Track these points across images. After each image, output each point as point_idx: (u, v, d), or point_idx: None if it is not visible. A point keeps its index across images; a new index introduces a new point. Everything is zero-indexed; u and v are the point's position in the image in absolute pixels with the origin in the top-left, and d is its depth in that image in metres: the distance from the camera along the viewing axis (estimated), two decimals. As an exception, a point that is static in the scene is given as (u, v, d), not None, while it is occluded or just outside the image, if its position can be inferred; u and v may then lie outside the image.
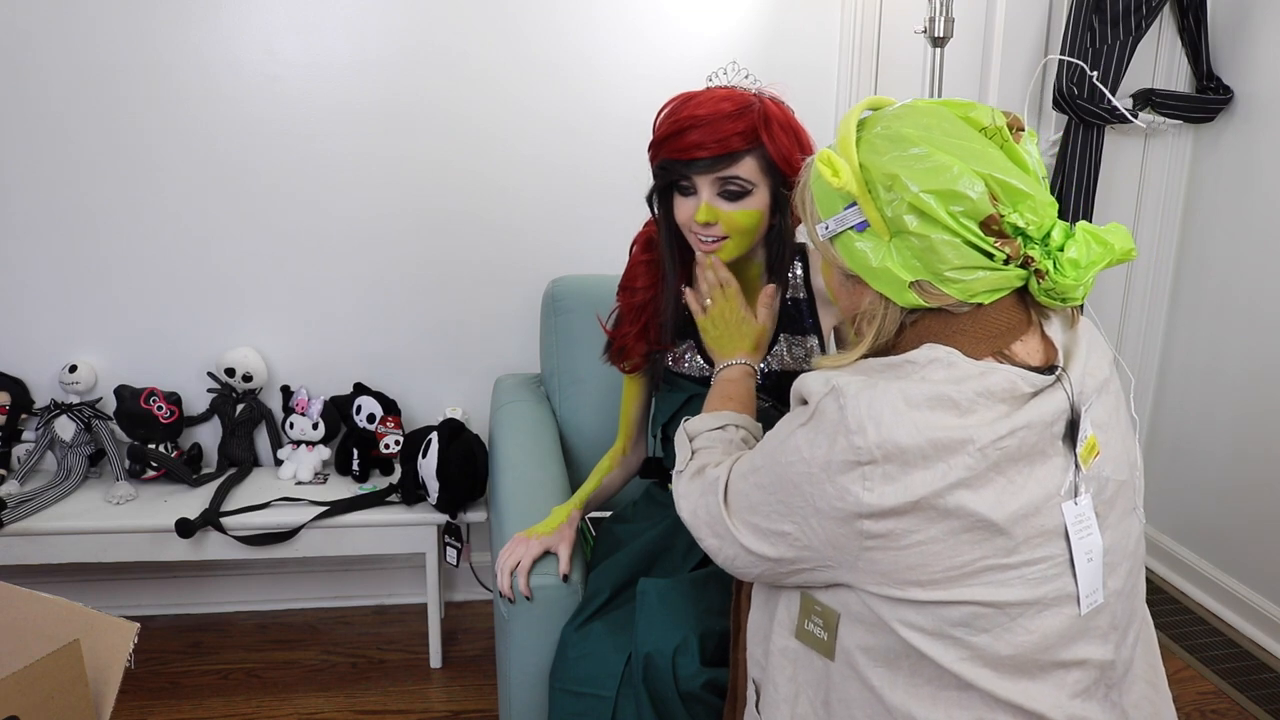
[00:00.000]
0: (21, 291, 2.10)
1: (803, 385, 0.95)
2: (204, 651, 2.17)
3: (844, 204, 0.94)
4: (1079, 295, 0.91)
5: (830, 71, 2.28)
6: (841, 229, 0.95)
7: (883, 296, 0.94)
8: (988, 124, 0.92)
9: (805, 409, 0.93)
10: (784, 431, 0.96)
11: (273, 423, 2.22)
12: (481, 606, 2.38)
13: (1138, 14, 2.25)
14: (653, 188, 1.41)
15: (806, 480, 0.91)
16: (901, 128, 0.92)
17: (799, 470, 0.92)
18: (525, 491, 1.59)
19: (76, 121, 2.03)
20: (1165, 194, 2.51)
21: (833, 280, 1.04)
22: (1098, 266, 0.90)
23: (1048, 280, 0.89)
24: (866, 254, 0.93)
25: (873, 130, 0.94)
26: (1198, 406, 2.47)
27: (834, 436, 0.89)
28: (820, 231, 0.97)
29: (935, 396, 0.87)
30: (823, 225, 0.97)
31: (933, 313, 0.93)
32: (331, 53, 2.08)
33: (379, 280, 2.22)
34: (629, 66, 2.18)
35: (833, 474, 0.89)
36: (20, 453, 2.09)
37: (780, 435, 0.96)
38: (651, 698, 1.23)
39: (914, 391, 0.87)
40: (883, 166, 0.90)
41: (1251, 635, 2.28)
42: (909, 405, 0.87)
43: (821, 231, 0.97)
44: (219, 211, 2.12)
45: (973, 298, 0.91)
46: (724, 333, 1.33)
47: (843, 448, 0.88)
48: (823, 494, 0.90)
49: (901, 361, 0.92)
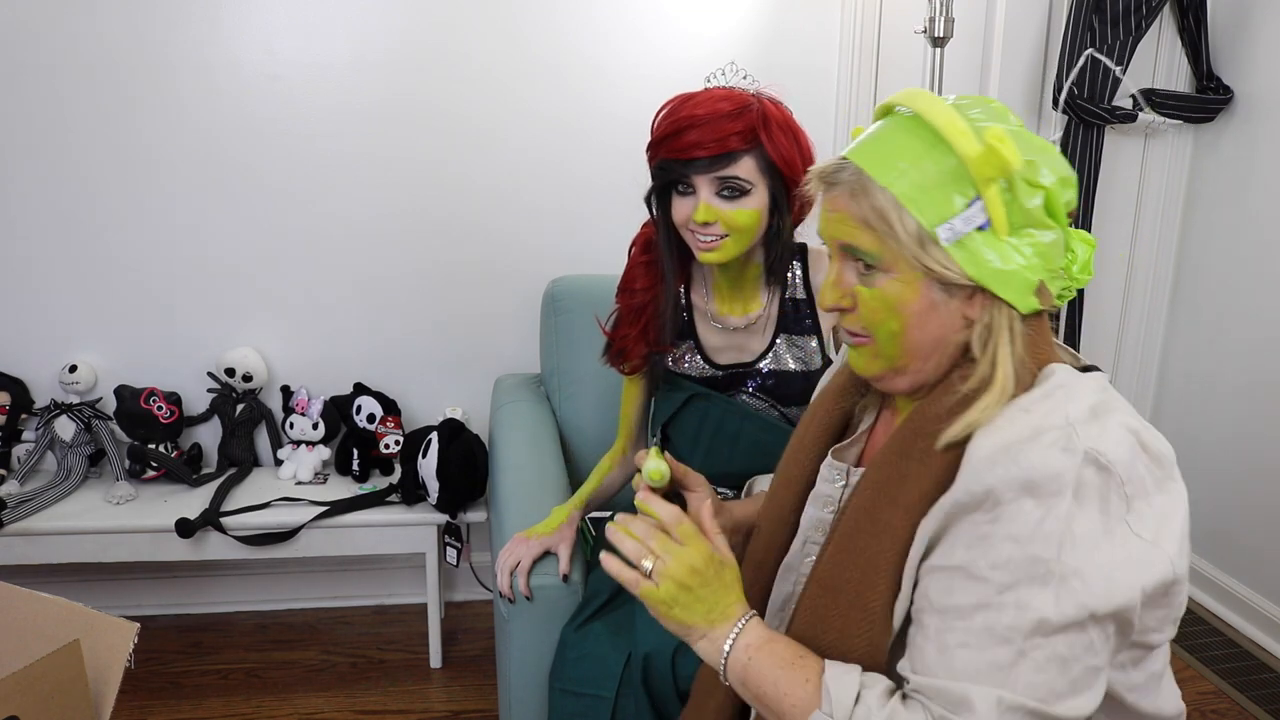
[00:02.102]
0: (21, 291, 2.10)
1: (1027, 468, 0.74)
2: (204, 651, 2.17)
3: (965, 200, 0.80)
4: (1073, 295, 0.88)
5: (830, 71, 2.28)
6: (968, 230, 0.80)
7: (1005, 306, 0.81)
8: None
9: (1056, 495, 0.74)
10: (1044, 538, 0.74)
11: (273, 423, 2.22)
12: (481, 606, 2.38)
13: (1138, 14, 2.25)
14: (651, 188, 1.42)
15: (1112, 568, 0.74)
16: (996, 116, 0.83)
17: (1102, 563, 0.74)
18: (525, 491, 1.59)
19: (77, 121, 2.03)
20: (1165, 194, 2.51)
21: (914, 303, 0.82)
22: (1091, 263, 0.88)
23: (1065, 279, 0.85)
24: (995, 256, 0.80)
25: (968, 114, 0.82)
26: (1198, 406, 2.47)
27: (1106, 498, 0.75)
28: (945, 235, 0.80)
29: (1133, 414, 0.80)
30: (946, 227, 0.80)
31: (1032, 323, 0.84)
32: (331, 53, 2.08)
33: (379, 280, 2.22)
34: (629, 66, 2.18)
35: (1121, 542, 0.75)
36: (20, 453, 2.09)
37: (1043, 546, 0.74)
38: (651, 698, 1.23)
39: (1126, 421, 0.78)
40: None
41: (1251, 635, 2.28)
42: (1135, 437, 0.78)
43: (945, 235, 0.80)
44: (219, 211, 2.12)
45: (1061, 299, 0.85)
46: (690, 598, 0.88)
47: (1116, 507, 0.75)
48: (1135, 571, 0.75)
49: (1054, 389, 0.80)
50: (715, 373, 1.50)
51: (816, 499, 0.99)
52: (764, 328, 1.48)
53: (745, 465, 1.47)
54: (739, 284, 1.47)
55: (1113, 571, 0.74)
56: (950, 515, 0.79)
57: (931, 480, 0.81)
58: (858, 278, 0.86)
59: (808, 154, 1.37)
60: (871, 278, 0.84)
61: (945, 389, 0.84)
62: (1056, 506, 0.74)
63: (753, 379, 1.48)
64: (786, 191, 1.36)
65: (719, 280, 1.48)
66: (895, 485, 0.84)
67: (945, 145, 0.81)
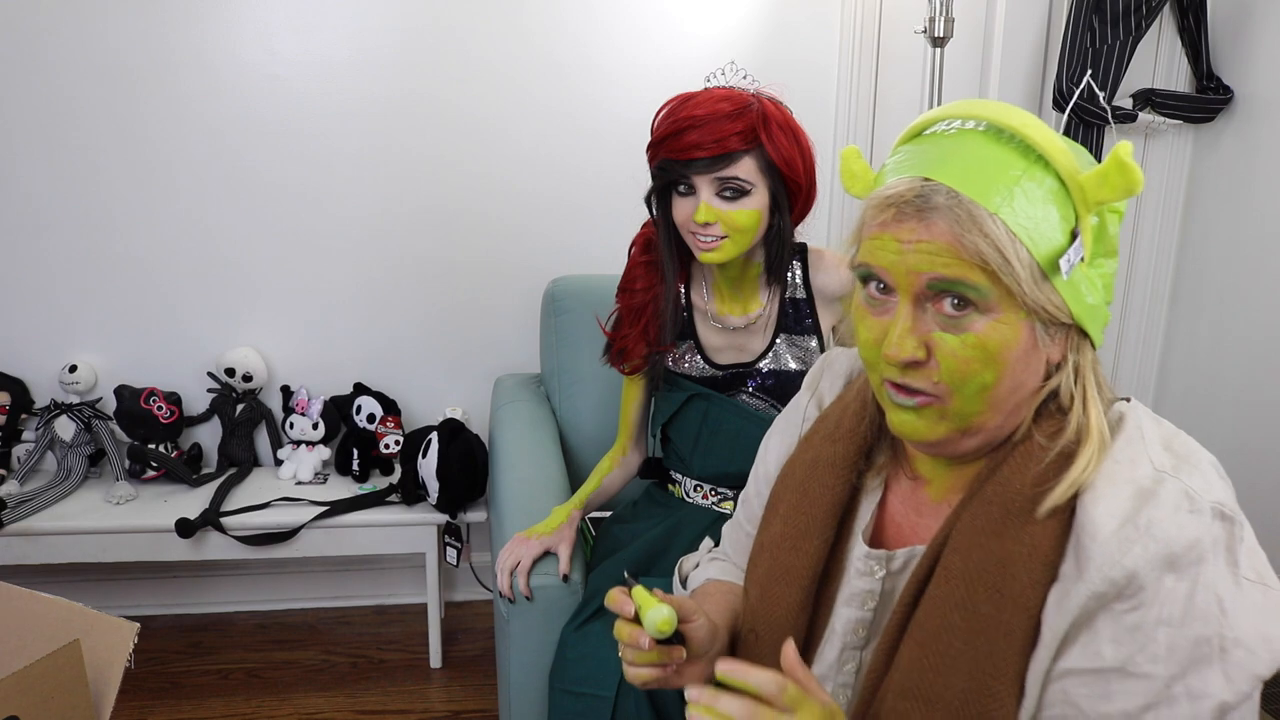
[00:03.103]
0: (21, 291, 2.10)
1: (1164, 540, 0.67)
2: (204, 651, 2.17)
3: (1069, 228, 0.71)
4: None
5: (830, 71, 2.28)
6: (1078, 260, 0.71)
7: (1088, 344, 0.74)
8: None
9: (1196, 563, 0.67)
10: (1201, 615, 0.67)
11: (273, 423, 2.22)
12: (481, 606, 2.38)
13: (1138, 14, 2.25)
14: (651, 188, 1.42)
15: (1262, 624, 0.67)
16: None
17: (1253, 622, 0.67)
18: (525, 491, 1.59)
19: (76, 122, 2.03)
20: (1165, 194, 2.51)
21: (1017, 346, 0.72)
22: None
23: None
24: (1085, 291, 0.72)
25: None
26: (1198, 406, 2.47)
27: (1232, 550, 0.69)
28: (1064, 267, 0.70)
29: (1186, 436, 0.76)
30: (1064, 260, 0.70)
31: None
32: (331, 52, 2.08)
33: (379, 280, 2.22)
34: (629, 65, 2.18)
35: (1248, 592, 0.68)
36: (20, 453, 2.09)
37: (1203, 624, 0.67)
38: (651, 697, 1.23)
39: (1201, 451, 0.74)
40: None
41: (1251, 635, 2.28)
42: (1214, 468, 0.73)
43: (1065, 269, 0.70)
44: (219, 211, 2.12)
45: None
46: None
47: (1244, 557, 0.69)
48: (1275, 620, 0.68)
49: (1134, 431, 0.73)
50: (715, 373, 1.50)
51: (852, 598, 0.85)
52: (764, 327, 1.48)
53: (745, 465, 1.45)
54: (739, 284, 1.47)
55: (1265, 628, 0.67)
56: (1089, 609, 0.69)
57: (1041, 561, 0.71)
58: (939, 322, 0.72)
59: (808, 154, 1.37)
60: (965, 320, 0.71)
61: (1032, 448, 0.74)
62: (1202, 576, 0.67)
63: (753, 379, 1.48)
64: (787, 191, 1.36)
65: (719, 280, 1.48)
66: (995, 573, 0.73)
67: (1044, 163, 0.71)
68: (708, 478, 1.53)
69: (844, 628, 0.85)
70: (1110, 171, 0.68)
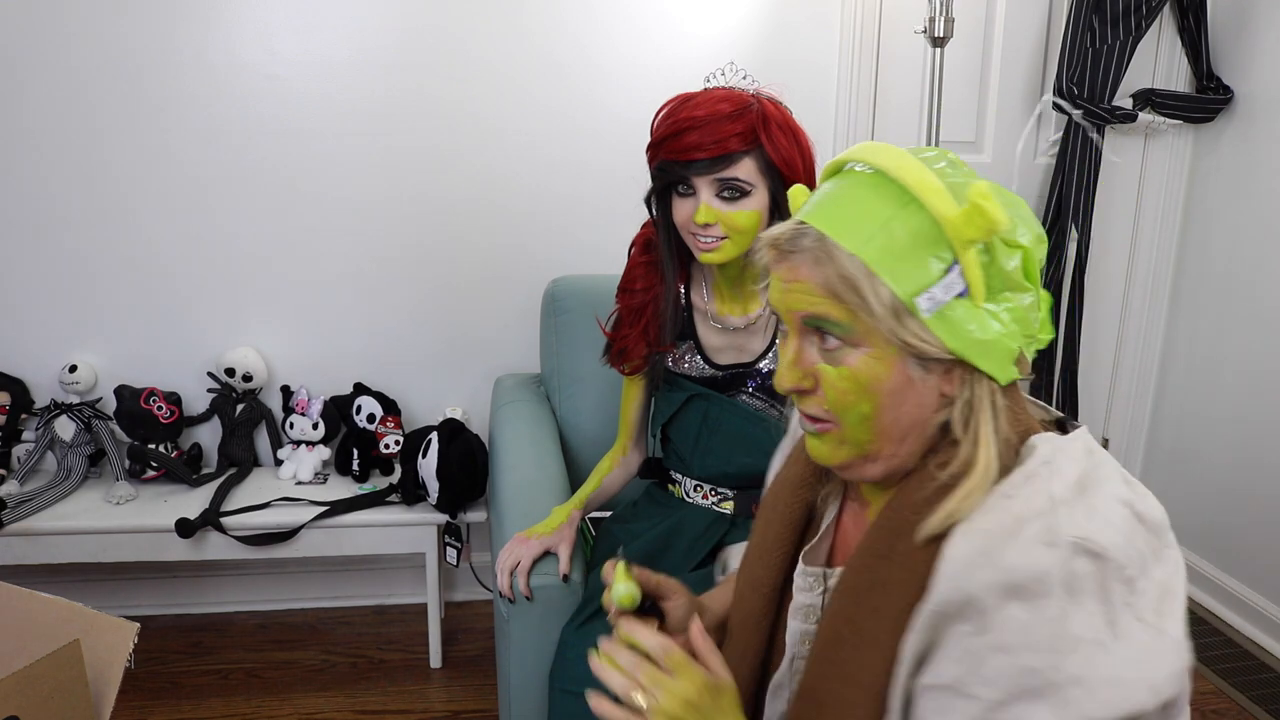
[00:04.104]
0: (21, 291, 2.10)
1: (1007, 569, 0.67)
2: (204, 651, 2.17)
3: (943, 265, 0.72)
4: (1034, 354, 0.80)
5: (830, 71, 2.28)
6: (949, 297, 0.73)
7: (986, 380, 0.75)
8: None
9: (1043, 596, 0.67)
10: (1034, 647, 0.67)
11: (273, 423, 2.22)
12: (481, 606, 2.38)
13: (1138, 14, 2.25)
14: (651, 189, 1.42)
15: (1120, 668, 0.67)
16: (959, 168, 0.77)
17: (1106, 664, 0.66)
18: (525, 491, 1.59)
19: (76, 124, 2.03)
20: (1165, 194, 2.51)
21: (888, 380, 0.75)
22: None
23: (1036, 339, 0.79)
24: (971, 326, 0.73)
25: (935, 167, 0.76)
26: (1198, 407, 2.47)
27: (1105, 588, 0.67)
28: (924, 305, 0.72)
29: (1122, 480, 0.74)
30: (925, 297, 0.72)
31: (1009, 393, 0.77)
32: (331, 52, 2.08)
33: (379, 280, 2.22)
34: (629, 65, 2.18)
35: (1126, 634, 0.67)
36: (20, 453, 2.09)
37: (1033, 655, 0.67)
38: (651, 698, 1.23)
39: (1116, 492, 0.72)
40: None
41: (1251, 635, 2.28)
42: (1130, 509, 0.71)
43: (925, 305, 0.72)
44: (219, 212, 2.12)
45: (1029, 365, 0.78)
46: None
47: (1119, 594, 0.68)
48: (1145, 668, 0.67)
49: (1039, 466, 0.73)
50: (715, 373, 1.50)
51: (797, 611, 0.90)
52: (764, 328, 1.48)
53: (745, 465, 1.47)
54: (739, 284, 1.47)
55: (1120, 672, 0.66)
56: (934, 627, 0.72)
57: (915, 585, 0.74)
58: (821, 355, 0.77)
59: (808, 154, 1.37)
60: (838, 354, 0.75)
61: (922, 477, 0.77)
62: (1046, 609, 0.67)
63: (753, 379, 1.48)
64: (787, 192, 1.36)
65: (719, 280, 1.48)
66: (876, 592, 0.77)
67: (917, 204, 0.73)
68: (708, 478, 1.53)
69: (792, 639, 0.90)
70: (971, 213, 0.71)
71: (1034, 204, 2.42)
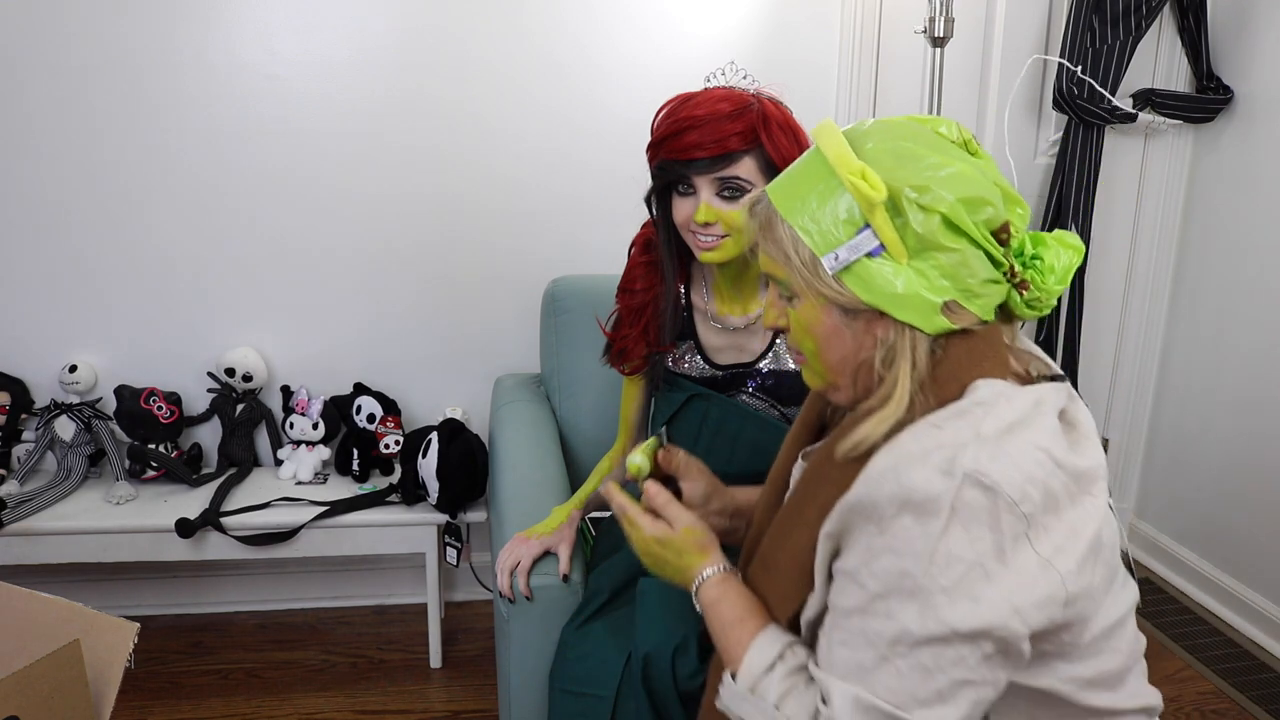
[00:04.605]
0: (21, 291, 2.10)
1: (907, 487, 0.79)
2: (204, 651, 2.17)
3: (854, 228, 0.84)
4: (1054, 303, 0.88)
5: (830, 71, 2.28)
6: (855, 257, 0.84)
7: (907, 328, 0.85)
8: (955, 138, 0.90)
9: (932, 515, 0.78)
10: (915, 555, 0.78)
11: (273, 423, 2.22)
12: (481, 606, 2.38)
13: (1138, 14, 2.25)
14: (651, 188, 1.42)
15: (983, 588, 0.77)
16: (898, 141, 0.86)
17: (971, 581, 0.77)
18: (525, 491, 1.59)
19: (76, 123, 2.03)
20: (1165, 194, 2.51)
21: (821, 326, 0.89)
22: (1072, 271, 0.88)
23: (1031, 291, 0.87)
24: (890, 280, 0.84)
25: (864, 147, 0.87)
26: (1198, 406, 2.47)
27: (996, 519, 0.77)
28: (829, 263, 0.85)
29: (1053, 432, 0.82)
30: (831, 256, 0.85)
31: (958, 340, 0.86)
32: (331, 52, 2.08)
33: (379, 280, 2.22)
34: (630, 65, 2.18)
35: (1010, 560, 0.78)
36: (20, 453, 2.09)
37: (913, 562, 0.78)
38: (651, 698, 1.23)
39: (1039, 439, 0.81)
40: (906, 179, 0.83)
41: (1251, 635, 2.28)
42: (1047, 454, 0.80)
43: (830, 263, 0.85)
44: (219, 211, 2.12)
45: (988, 315, 0.87)
46: (659, 563, 1.08)
47: (1010, 525, 0.77)
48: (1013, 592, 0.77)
49: (972, 406, 0.83)
50: (715, 373, 1.50)
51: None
52: (764, 328, 1.48)
53: (745, 465, 1.46)
54: (739, 284, 1.47)
55: (987, 592, 0.77)
56: (845, 520, 0.84)
57: (839, 489, 0.86)
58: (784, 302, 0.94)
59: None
60: (792, 303, 0.92)
61: (858, 408, 0.91)
62: (931, 526, 0.77)
63: (753, 379, 1.48)
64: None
65: (719, 280, 1.48)
66: (817, 485, 0.92)
67: (837, 177, 0.86)
68: (708, 478, 1.52)
69: None
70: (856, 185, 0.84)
71: (1034, 204, 2.42)
